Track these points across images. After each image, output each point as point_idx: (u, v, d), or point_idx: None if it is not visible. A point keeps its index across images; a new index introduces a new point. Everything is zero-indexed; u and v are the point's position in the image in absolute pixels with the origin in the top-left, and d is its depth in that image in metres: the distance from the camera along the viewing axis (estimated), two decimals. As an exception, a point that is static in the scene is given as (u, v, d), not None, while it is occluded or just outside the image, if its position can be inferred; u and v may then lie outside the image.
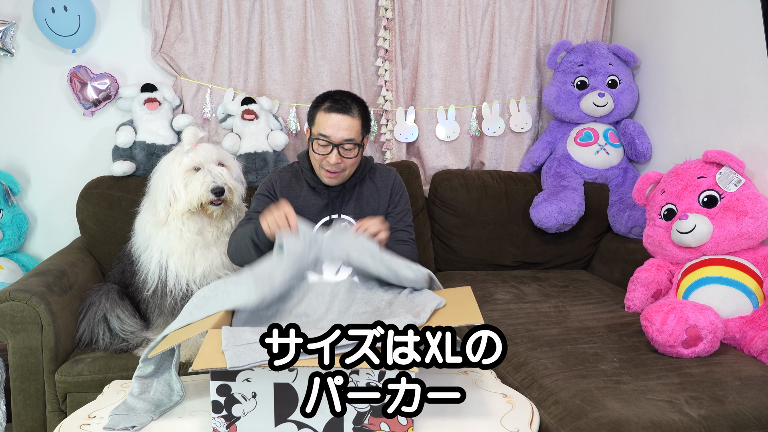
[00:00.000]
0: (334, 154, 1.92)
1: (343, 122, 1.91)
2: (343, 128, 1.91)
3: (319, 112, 1.95)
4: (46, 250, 2.72)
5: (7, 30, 2.55)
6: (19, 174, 2.70)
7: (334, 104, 1.93)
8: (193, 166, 2.05)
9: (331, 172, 1.96)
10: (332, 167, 1.94)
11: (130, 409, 1.51)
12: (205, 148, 2.09)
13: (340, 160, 1.93)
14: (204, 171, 2.05)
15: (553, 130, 2.93)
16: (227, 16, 2.68)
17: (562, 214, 2.63)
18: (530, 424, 1.49)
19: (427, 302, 1.61)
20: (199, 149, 2.08)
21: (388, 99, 2.84)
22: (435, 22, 2.85)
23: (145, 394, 1.55)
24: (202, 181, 2.02)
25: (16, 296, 1.95)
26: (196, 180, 2.03)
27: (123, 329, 2.09)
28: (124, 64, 2.71)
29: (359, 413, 1.38)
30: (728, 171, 2.10)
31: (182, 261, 2.07)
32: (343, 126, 1.91)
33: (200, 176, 2.04)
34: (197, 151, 2.07)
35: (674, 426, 1.49)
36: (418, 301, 1.65)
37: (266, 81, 2.77)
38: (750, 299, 1.96)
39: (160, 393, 1.56)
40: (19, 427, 2.02)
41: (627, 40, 2.94)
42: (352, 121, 1.92)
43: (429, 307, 1.57)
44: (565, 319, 2.17)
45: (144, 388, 1.56)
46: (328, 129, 1.91)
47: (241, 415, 1.38)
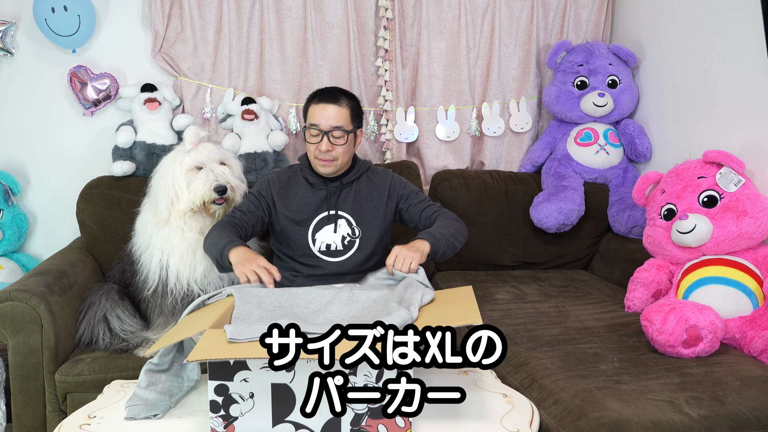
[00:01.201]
0: (324, 141, 2.00)
1: (331, 111, 2.01)
2: (331, 116, 2.01)
3: (310, 106, 2.06)
4: (46, 250, 2.72)
5: (7, 30, 2.55)
6: (19, 174, 2.70)
7: (323, 96, 2.05)
8: (196, 166, 2.06)
9: (324, 159, 2.02)
10: (324, 155, 2.01)
11: (145, 400, 1.53)
12: (206, 148, 2.10)
13: (330, 147, 2.00)
14: (206, 170, 2.06)
15: (553, 130, 2.93)
16: (227, 16, 2.68)
17: (562, 214, 2.63)
18: (530, 424, 1.49)
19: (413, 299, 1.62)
20: (200, 148, 2.08)
21: (388, 99, 2.84)
22: (435, 22, 2.85)
23: (153, 386, 1.56)
24: (205, 180, 2.03)
25: (16, 296, 1.95)
26: (198, 179, 2.04)
27: (123, 329, 2.10)
28: (124, 64, 2.71)
29: (357, 414, 1.38)
30: (728, 171, 2.10)
31: (183, 260, 2.07)
32: (331, 114, 2.01)
33: (203, 175, 2.05)
34: (199, 151, 2.08)
35: (674, 426, 1.49)
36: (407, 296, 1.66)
37: (266, 81, 2.77)
38: (750, 299, 1.96)
39: (170, 383, 1.59)
40: (19, 427, 2.02)
41: (627, 40, 2.94)
42: (339, 110, 2.02)
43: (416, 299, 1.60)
44: (565, 319, 2.17)
45: (152, 381, 1.57)
46: (317, 118, 2.02)
47: (238, 415, 1.38)
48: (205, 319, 1.55)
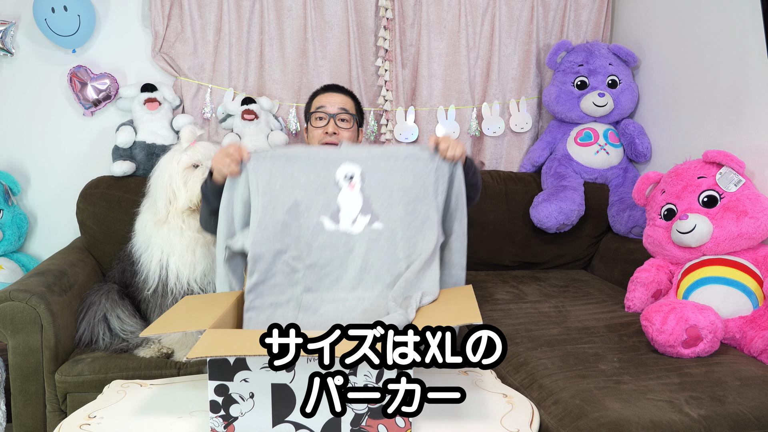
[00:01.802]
0: (332, 123, 2.09)
1: (337, 97, 2.14)
2: (337, 101, 2.13)
3: (316, 97, 2.19)
4: (46, 250, 2.72)
5: (7, 30, 2.55)
6: (19, 174, 2.70)
7: (329, 87, 2.21)
8: (192, 164, 2.06)
9: (330, 143, 2.06)
10: (330, 138, 2.07)
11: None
12: (203, 146, 2.10)
13: (336, 129, 2.08)
14: (203, 168, 2.06)
15: (553, 130, 2.93)
16: (227, 16, 2.68)
17: (562, 214, 2.63)
18: (530, 424, 1.49)
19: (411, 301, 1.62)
20: (197, 147, 2.09)
21: (388, 99, 2.84)
22: (435, 22, 2.85)
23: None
24: (201, 178, 2.03)
25: (16, 296, 1.95)
26: (195, 177, 2.04)
27: (123, 329, 2.09)
28: (124, 64, 2.71)
29: (357, 415, 1.38)
30: (728, 171, 2.10)
31: (183, 259, 2.07)
32: (337, 100, 2.13)
33: (199, 173, 2.05)
34: (195, 149, 2.08)
35: (674, 426, 1.48)
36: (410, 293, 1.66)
37: (266, 81, 2.77)
38: (750, 299, 1.96)
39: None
40: (19, 427, 2.02)
41: (627, 40, 2.94)
42: (344, 97, 2.16)
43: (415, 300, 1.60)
44: (565, 319, 2.17)
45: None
46: (324, 102, 2.13)
47: (239, 416, 1.38)
48: (206, 316, 1.55)
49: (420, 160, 1.75)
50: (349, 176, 1.73)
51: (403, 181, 1.73)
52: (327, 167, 1.73)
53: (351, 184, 1.72)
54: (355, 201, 1.72)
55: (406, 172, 1.73)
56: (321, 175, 1.73)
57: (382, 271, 1.71)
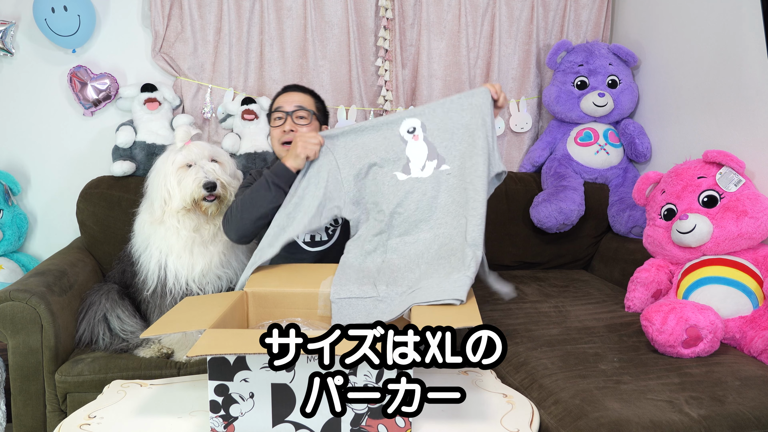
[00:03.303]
0: (288, 121, 2.07)
1: (294, 95, 2.12)
2: (294, 99, 2.10)
3: (274, 101, 2.16)
4: (46, 250, 2.72)
5: (7, 30, 2.55)
6: (19, 174, 2.70)
7: (286, 87, 2.18)
8: (186, 163, 2.06)
9: (289, 142, 2.05)
10: (288, 136, 2.06)
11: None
12: (197, 145, 2.09)
13: (294, 127, 2.06)
14: (196, 167, 2.05)
15: (553, 130, 2.93)
16: (227, 16, 2.68)
17: (562, 214, 2.63)
18: (530, 424, 1.49)
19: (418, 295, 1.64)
20: (191, 146, 2.08)
21: (388, 99, 2.84)
22: (435, 22, 2.85)
23: None
24: (194, 177, 2.03)
25: (16, 296, 1.95)
26: (188, 176, 2.04)
27: (123, 329, 2.09)
28: (124, 64, 2.71)
29: (357, 414, 1.38)
30: (728, 171, 2.10)
31: (181, 259, 2.07)
32: (294, 98, 2.10)
33: (192, 172, 2.04)
34: (189, 149, 2.07)
35: (674, 426, 1.48)
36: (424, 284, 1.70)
37: (266, 81, 2.77)
38: (750, 299, 1.96)
39: None
40: (19, 427, 2.02)
41: (627, 40, 2.94)
42: (302, 95, 2.12)
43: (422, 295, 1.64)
44: (565, 319, 2.17)
45: None
46: (281, 103, 2.11)
47: (238, 415, 1.38)
48: (206, 316, 1.55)
49: (475, 95, 1.92)
50: (411, 129, 1.92)
51: (461, 119, 1.90)
52: (391, 127, 1.93)
53: (414, 136, 1.92)
54: (420, 150, 1.91)
55: (463, 109, 1.91)
56: (387, 136, 1.93)
57: (453, 206, 1.85)
